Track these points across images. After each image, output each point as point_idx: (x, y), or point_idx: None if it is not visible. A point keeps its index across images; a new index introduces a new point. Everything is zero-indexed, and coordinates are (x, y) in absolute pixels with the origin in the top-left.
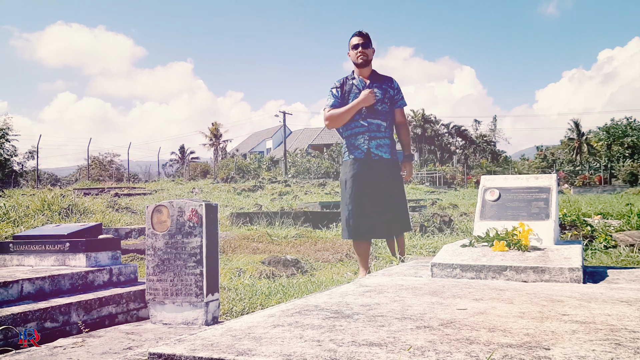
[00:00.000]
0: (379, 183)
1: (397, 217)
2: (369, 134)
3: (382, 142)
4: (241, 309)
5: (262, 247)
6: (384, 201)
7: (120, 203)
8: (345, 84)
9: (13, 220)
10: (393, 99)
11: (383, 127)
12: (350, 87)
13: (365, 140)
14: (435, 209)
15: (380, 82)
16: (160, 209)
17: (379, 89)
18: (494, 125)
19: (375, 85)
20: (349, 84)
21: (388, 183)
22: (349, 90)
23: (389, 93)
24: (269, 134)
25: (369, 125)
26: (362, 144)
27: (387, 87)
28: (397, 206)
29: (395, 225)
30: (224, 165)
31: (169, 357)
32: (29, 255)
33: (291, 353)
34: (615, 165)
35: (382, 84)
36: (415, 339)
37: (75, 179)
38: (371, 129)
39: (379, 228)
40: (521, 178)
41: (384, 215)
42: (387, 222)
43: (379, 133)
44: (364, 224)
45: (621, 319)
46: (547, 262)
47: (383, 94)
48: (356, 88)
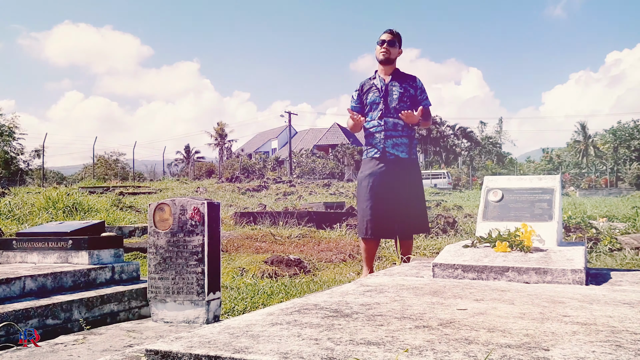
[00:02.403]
0: (395, 182)
1: (412, 217)
2: (386, 133)
3: (398, 142)
4: (243, 308)
5: (265, 247)
6: (400, 201)
7: (125, 202)
8: (365, 84)
9: (18, 217)
10: (415, 98)
11: (400, 126)
12: (370, 87)
13: (381, 139)
14: (439, 210)
15: (400, 80)
16: (162, 207)
17: (399, 87)
18: (500, 127)
19: (395, 84)
20: (369, 84)
21: (404, 183)
22: (368, 90)
23: (409, 92)
24: (275, 134)
25: (385, 124)
26: (378, 143)
27: (407, 85)
28: (414, 206)
29: (411, 226)
30: (229, 165)
31: (165, 354)
32: (32, 252)
33: (288, 351)
34: (621, 168)
35: (403, 83)
36: (414, 339)
37: (80, 177)
38: (387, 128)
39: (394, 228)
40: (524, 179)
41: (400, 215)
42: (403, 222)
43: (395, 132)
44: (379, 223)
45: (622, 321)
46: (550, 263)
47: (402, 93)
48: (375, 87)
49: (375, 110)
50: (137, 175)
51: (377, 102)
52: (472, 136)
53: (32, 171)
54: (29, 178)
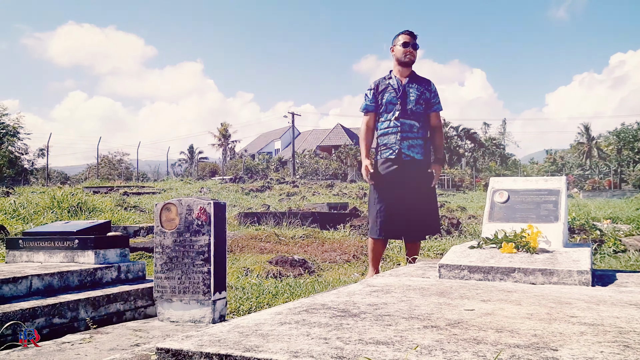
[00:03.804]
0: (410, 184)
1: (425, 219)
2: (402, 134)
3: (414, 143)
4: (248, 308)
5: (270, 247)
6: (413, 202)
7: (129, 202)
8: (380, 84)
9: (23, 217)
10: (429, 101)
11: (416, 127)
12: (385, 87)
13: (397, 141)
14: (443, 211)
15: (417, 82)
16: (169, 207)
17: (416, 89)
18: (504, 129)
19: (412, 86)
20: (384, 84)
21: (419, 184)
22: (383, 89)
23: (425, 95)
24: (278, 134)
25: (402, 125)
26: (394, 144)
27: (424, 89)
28: (426, 207)
29: (423, 227)
30: (233, 166)
31: (176, 352)
32: (39, 251)
33: (298, 350)
34: (625, 170)
35: (419, 85)
36: (423, 338)
37: (84, 177)
38: (404, 129)
39: (406, 228)
40: (530, 180)
41: (412, 216)
42: (416, 223)
43: (412, 133)
44: (392, 224)
45: (630, 322)
46: (556, 264)
47: (418, 95)
48: (391, 88)
49: (392, 111)
50: (141, 175)
51: (393, 102)
52: (476, 137)
53: (36, 171)
54: (33, 178)
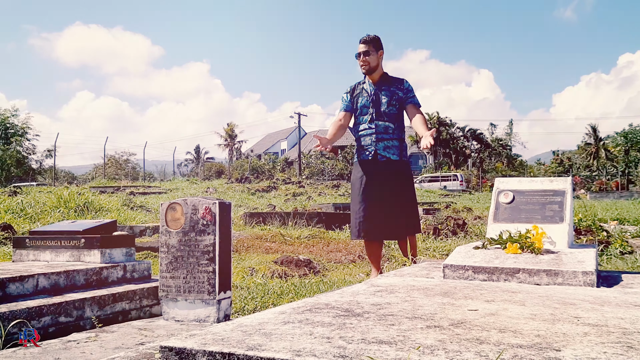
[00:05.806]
0: (387, 185)
1: (405, 219)
2: (377, 135)
3: (389, 144)
4: (253, 308)
5: (275, 247)
6: (392, 203)
7: (136, 201)
8: (356, 88)
9: (30, 216)
10: (402, 100)
11: (391, 129)
12: (360, 91)
13: (372, 142)
14: (449, 212)
15: (388, 84)
16: (174, 207)
17: (387, 92)
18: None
19: (383, 88)
20: (359, 88)
21: (396, 184)
22: (358, 94)
23: (397, 95)
24: (284, 135)
25: (377, 127)
26: (370, 145)
27: (395, 89)
28: (406, 208)
29: (403, 227)
30: (239, 166)
31: (180, 350)
32: (45, 250)
33: (301, 349)
34: (632, 171)
35: (391, 87)
36: (425, 338)
37: (91, 177)
38: (378, 131)
39: (386, 229)
40: (536, 181)
41: (392, 217)
42: (395, 223)
43: (387, 135)
44: (371, 225)
45: (634, 323)
46: (561, 265)
47: (390, 96)
48: (365, 92)
49: (366, 115)
50: (148, 175)
51: (367, 106)
52: (482, 138)
53: (44, 170)
54: (40, 177)
